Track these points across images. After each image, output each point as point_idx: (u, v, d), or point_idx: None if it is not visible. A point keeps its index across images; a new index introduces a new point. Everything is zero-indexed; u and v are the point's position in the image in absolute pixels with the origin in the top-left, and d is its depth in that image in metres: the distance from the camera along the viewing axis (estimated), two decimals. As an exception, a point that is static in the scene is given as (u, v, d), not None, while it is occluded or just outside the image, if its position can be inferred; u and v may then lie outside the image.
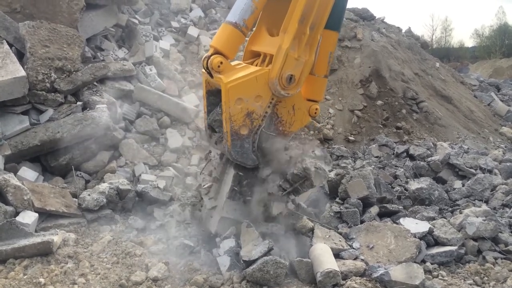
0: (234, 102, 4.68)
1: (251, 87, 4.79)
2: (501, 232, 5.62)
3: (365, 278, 4.67)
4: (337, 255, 5.01)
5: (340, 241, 5.31)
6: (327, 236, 5.32)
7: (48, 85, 6.88)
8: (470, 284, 4.77)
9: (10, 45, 7.01)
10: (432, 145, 9.85)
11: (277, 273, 4.43)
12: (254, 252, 4.58)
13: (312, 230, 5.36)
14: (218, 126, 5.07)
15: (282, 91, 4.92)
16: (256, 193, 5.10)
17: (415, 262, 4.93)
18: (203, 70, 5.01)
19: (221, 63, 4.70)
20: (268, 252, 4.57)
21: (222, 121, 4.82)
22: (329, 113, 10.79)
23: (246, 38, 5.21)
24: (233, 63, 4.93)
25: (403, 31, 15.63)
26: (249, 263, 4.53)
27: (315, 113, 5.46)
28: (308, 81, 5.19)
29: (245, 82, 4.77)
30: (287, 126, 5.28)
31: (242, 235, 4.90)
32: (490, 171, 8.01)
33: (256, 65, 5.07)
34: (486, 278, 4.90)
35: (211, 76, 4.83)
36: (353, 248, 5.18)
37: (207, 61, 4.74)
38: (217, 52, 4.76)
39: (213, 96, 5.17)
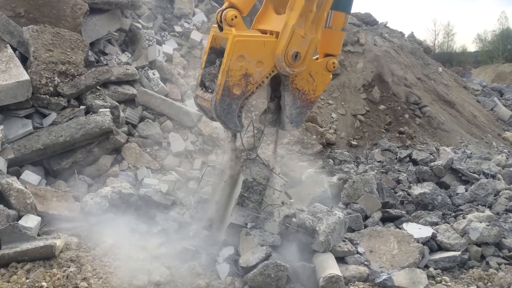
0: (236, 57, 4.65)
1: (257, 50, 4.77)
2: (504, 238, 5.60)
3: (368, 283, 4.66)
4: (342, 259, 4.99)
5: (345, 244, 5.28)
6: None
7: (51, 89, 6.90)
8: (474, 290, 4.75)
9: (14, 49, 7.05)
10: (435, 150, 9.82)
11: (278, 276, 4.42)
12: (252, 258, 4.57)
13: None
14: (210, 81, 4.98)
15: (287, 68, 4.91)
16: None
17: (418, 267, 4.92)
18: (213, 25, 4.98)
19: (235, 17, 4.68)
20: (266, 259, 4.56)
21: (218, 74, 4.73)
22: (332, 117, 10.78)
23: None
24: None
25: (406, 35, 15.64)
26: (247, 269, 4.52)
27: (334, 67, 5.41)
28: (324, 34, 5.14)
29: (253, 41, 4.76)
30: (312, 93, 5.31)
31: (241, 243, 4.90)
32: (493, 176, 7.99)
33: None
34: (489, 283, 4.88)
35: (221, 30, 4.78)
36: (359, 253, 5.15)
37: (221, 14, 4.71)
38: (232, 6, 4.74)
39: (215, 54, 5.10)
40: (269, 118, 5.39)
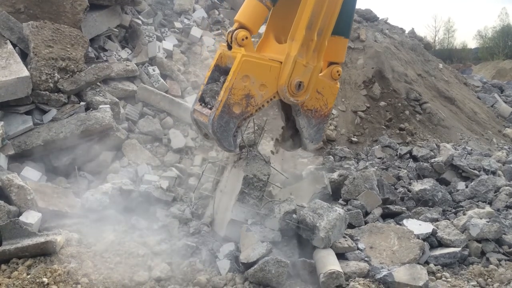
0: (241, 76, 4.68)
1: (262, 72, 4.81)
2: (504, 234, 5.61)
3: (368, 279, 4.66)
4: (342, 255, 5.00)
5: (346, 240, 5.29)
6: None
7: (51, 85, 6.89)
8: (474, 286, 4.76)
9: (14, 45, 7.03)
10: (436, 146, 9.82)
11: (278, 272, 4.42)
12: (252, 254, 4.58)
13: None
14: (211, 97, 5.00)
15: (292, 97, 4.98)
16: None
17: (418, 263, 4.92)
18: (222, 44, 5.05)
19: (246, 37, 4.73)
20: (267, 255, 4.56)
21: (220, 91, 4.74)
22: (332, 114, 10.77)
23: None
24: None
25: (406, 32, 15.61)
26: (248, 265, 4.53)
27: (338, 75, 5.45)
28: (328, 42, 5.16)
29: (260, 64, 4.81)
30: (324, 108, 5.38)
31: (242, 239, 4.90)
32: (493, 173, 7.99)
33: None
34: (489, 279, 4.89)
35: (230, 49, 4.82)
36: (359, 250, 5.16)
37: (232, 35, 4.75)
38: (242, 26, 4.78)
39: (219, 72, 5.13)
40: (290, 143, 5.54)
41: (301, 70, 4.92)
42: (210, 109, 4.84)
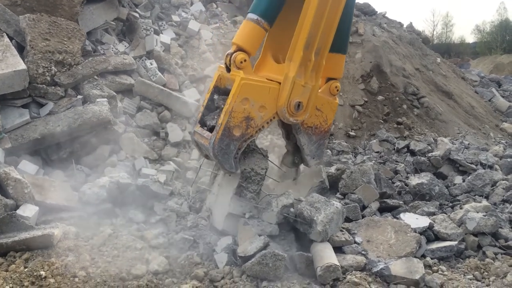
0: (241, 99, 4.70)
1: (261, 94, 4.83)
2: (501, 228, 5.63)
3: (365, 272, 4.68)
4: (339, 249, 5.01)
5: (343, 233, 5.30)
6: None
7: (48, 78, 6.86)
8: (470, 279, 4.78)
9: (11, 38, 6.99)
10: (433, 141, 9.84)
11: (276, 265, 4.43)
12: (250, 248, 4.59)
13: None
14: (211, 120, 5.04)
15: (291, 118, 5.02)
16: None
17: (415, 257, 4.94)
18: (220, 65, 5.05)
19: (245, 60, 4.74)
20: (264, 248, 4.57)
21: (220, 113, 4.77)
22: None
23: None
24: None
25: (405, 26, 15.59)
26: (245, 259, 4.54)
27: (337, 90, 5.47)
28: (326, 59, 5.17)
29: (259, 86, 4.82)
30: (324, 124, 5.42)
31: (239, 233, 4.91)
32: (490, 167, 8.01)
33: None
34: (486, 273, 4.91)
35: (228, 71, 4.83)
36: (356, 243, 5.18)
37: (230, 57, 4.76)
38: (240, 49, 4.78)
39: (218, 94, 5.17)
40: (290, 160, 5.58)
41: (300, 90, 4.94)
42: (211, 131, 4.88)
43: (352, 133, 10.29)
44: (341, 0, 4.92)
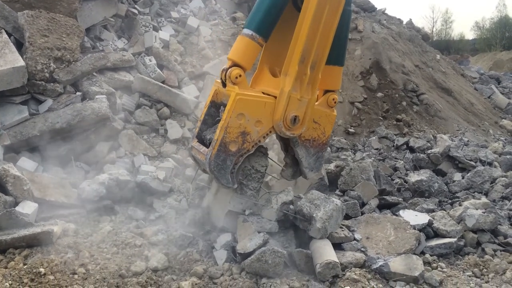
0: (236, 114, 4.69)
1: (257, 109, 4.82)
2: (500, 225, 5.63)
3: (364, 269, 4.69)
4: (339, 245, 5.02)
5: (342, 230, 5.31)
6: None
7: (47, 75, 6.84)
8: (469, 276, 4.78)
9: (9, 35, 6.96)
10: (432, 138, 9.84)
11: (275, 262, 4.44)
12: (249, 244, 4.59)
13: None
14: (208, 140, 5.10)
15: (287, 132, 5.00)
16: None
17: (414, 253, 4.94)
18: (217, 80, 5.05)
19: (240, 75, 4.73)
20: (263, 245, 4.57)
21: (216, 129, 4.78)
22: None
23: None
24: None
25: (404, 22, 15.56)
26: (245, 256, 4.54)
27: (335, 102, 5.44)
28: (323, 71, 5.15)
29: (254, 101, 4.81)
30: (322, 136, 5.39)
31: (238, 229, 4.91)
32: (490, 164, 8.02)
33: None
34: (485, 270, 4.91)
35: (224, 86, 4.84)
36: (356, 240, 5.18)
37: (225, 73, 4.76)
38: (235, 64, 4.78)
39: (215, 109, 5.19)
40: (289, 172, 5.52)
41: (296, 104, 4.92)
42: (207, 146, 4.88)
43: (351, 130, 10.29)
44: (336, 14, 4.88)
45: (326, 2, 4.75)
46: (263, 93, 5.09)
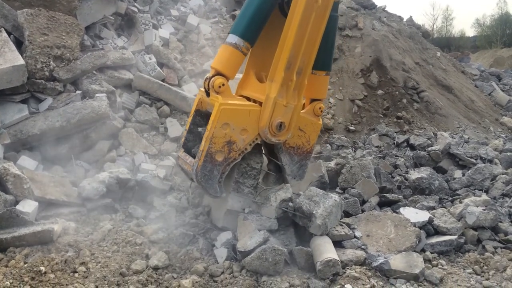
0: (221, 124, 4.67)
1: (242, 118, 4.80)
2: (501, 222, 5.63)
3: (365, 267, 4.68)
4: (339, 243, 5.02)
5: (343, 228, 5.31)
6: None
7: (47, 73, 6.84)
8: (470, 273, 4.78)
9: (9, 33, 6.95)
10: (433, 135, 9.84)
11: (275, 260, 4.44)
12: (249, 243, 4.59)
13: None
14: (194, 146, 5.12)
15: (273, 138, 4.99)
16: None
17: (415, 251, 4.94)
18: (201, 89, 5.02)
19: (223, 84, 4.71)
20: (264, 243, 4.57)
21: (202, 140, 4.77)
22: (330, 102, 10.76)
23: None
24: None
25: (404, 20, 15.53)
26: (245, 254, 4.54)
27: (321, 111, 5.45)
28: (309, 80, 5.15)
29: (238, 110, 4.79)
30: (306, 144, 5.38)
31: (239, 228, 4.91)
32: (490, 161, 8.01)
33: None
34: (485, 267, 4.91)
35: (208, 95, 4.82)
36: (356, 238, 5.18)
37: (209, 82, 4.74)
38: (218, 73, 4.76)
39: (200, 117, 5.20)
40: (272, 179, 5.50)
41: (282, 110, 4.90)
42: (194, 157, 4.87)
43: (351, 127, 10.28)
44: (322, 20, 4.85)
45: (313, 8, 4.72)
46: (249, 98, 5.09)
